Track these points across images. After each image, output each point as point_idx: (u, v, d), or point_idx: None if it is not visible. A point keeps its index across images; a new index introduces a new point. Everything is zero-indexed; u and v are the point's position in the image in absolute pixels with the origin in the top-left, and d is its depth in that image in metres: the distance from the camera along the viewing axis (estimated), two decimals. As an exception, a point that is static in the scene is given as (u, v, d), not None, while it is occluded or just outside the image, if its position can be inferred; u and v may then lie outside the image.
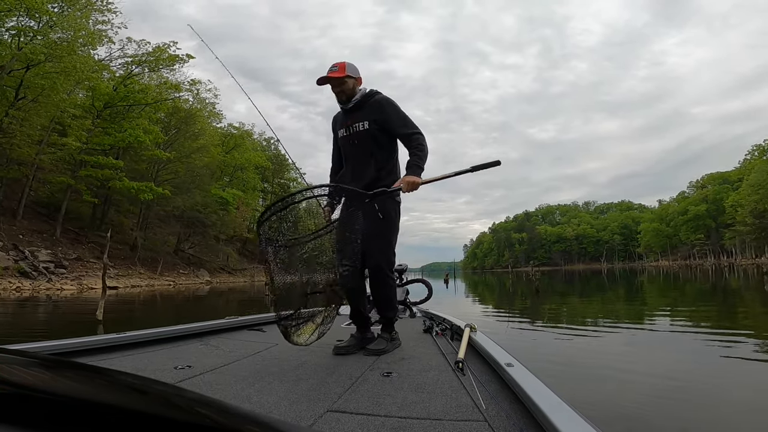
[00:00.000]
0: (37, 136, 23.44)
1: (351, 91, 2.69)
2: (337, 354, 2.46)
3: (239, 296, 19.35)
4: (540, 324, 7.82)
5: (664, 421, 2.79)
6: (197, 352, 2.56)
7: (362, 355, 2.47)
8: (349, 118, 2.74)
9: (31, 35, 22.47)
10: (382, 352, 2.44)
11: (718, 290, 15.56)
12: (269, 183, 55.22)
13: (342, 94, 2.68)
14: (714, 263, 72.90)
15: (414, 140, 2.63)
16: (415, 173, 2.50)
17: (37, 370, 0.37)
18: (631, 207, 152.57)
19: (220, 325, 3.35)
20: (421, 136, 2.65)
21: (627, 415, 2.93)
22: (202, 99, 36.80)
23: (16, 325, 7.99)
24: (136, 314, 10.71)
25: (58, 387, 0.33)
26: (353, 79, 2.69)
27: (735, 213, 69.83)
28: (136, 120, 27.95)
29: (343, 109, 2.77)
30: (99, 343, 2.40)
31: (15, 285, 17.97)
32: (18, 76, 22.01)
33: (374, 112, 2.67)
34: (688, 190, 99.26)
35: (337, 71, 2.64)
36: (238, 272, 40.69)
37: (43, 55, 21.73)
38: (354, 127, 2.70)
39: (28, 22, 22.89)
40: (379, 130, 2.66)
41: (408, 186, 2.47)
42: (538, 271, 28.05)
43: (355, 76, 2.70)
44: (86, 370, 0.37)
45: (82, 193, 26.41)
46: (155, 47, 29.71)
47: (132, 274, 25.86)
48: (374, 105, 2.69)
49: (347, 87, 2.67)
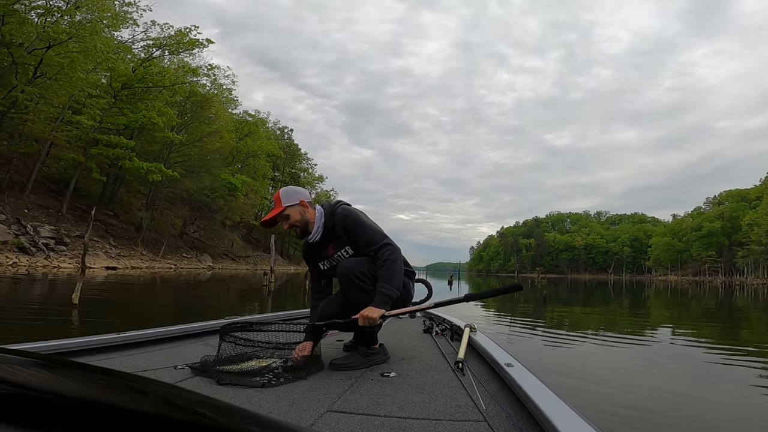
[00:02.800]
0: (52, 113, 23.60)
1: (302, 222, 2.27)
2: (336, 370, 2.19)
3: (240, 284, 19.19)
4: (556, 339, 7.41)
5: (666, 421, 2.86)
6: (197, 352, 2.51)
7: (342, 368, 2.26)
8: (325, 249, 2.34)
9: (58, 15, 22.55)
10: (349, 367, 2.15)
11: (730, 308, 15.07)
12: (280, 171, 55.39)
13: (295, 228, 2.27)
14: (725, 281, 71.61)
15: (381, 255, 2.16)
16: (380, 304, 2.06)
17: (37, 370, 0.37)
18: (644, 220, 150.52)
19: (220, 325, 3.34)
20: (389, 247, 2.18)
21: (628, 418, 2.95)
22: (220, 85, 36.96)
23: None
24: (121, 300, 10.30)
25: (58, 387, 0.33)
26: (296, 206, 2.26)
27: (751, 232, 68.58)
28: (152, 102, 28.12)
29: (311, 243, 2.35)
30: (99, 343, 2.37)
31: (11, 260, 17.74)
32: (38, 55, 22.15)
33: (348, 234, 2.27)
34: (705, 206, 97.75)
35: (273, 207, 2.27)
36: (242, 259, 40.81)
37: (66, 35, 21.79)
38: (337, 257, 2.32)
39: (57, 2, 23.01)
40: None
41: (364, 321, 2.03)
42: (544, 278, 27.66)
43: (294, 202, 2.27)
44: (86, 370, 0.37)
45: (91, 170, 26.54)
46: (177, 31, 29.79)
47: (134, 255, 25.98)
48: (343, 226, 2.27)
49: (295, 219, 2.26)
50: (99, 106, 25.22)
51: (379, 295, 2.07)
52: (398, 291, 2.13)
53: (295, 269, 44.36)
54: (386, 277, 2.11)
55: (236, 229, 44.58)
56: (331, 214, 2.31)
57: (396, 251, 2.19)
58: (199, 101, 33.68)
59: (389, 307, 2.09)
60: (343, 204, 2.38)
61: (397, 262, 2.17)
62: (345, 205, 2.38)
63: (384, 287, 2.09)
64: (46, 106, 22.84)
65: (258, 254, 44.46)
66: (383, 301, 2.07)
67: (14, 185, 23.78)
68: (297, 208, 2.27)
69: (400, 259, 2.20)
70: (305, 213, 2.29)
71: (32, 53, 21.81)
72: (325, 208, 2.34)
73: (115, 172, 29.42)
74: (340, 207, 2.33)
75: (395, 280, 2.13)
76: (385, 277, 2.11)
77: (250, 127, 46.11)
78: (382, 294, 2.07)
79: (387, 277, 2.11)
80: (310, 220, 2.29)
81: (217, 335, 2.96)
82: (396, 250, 2.20)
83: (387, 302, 2.08)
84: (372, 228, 2.24)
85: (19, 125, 22.57)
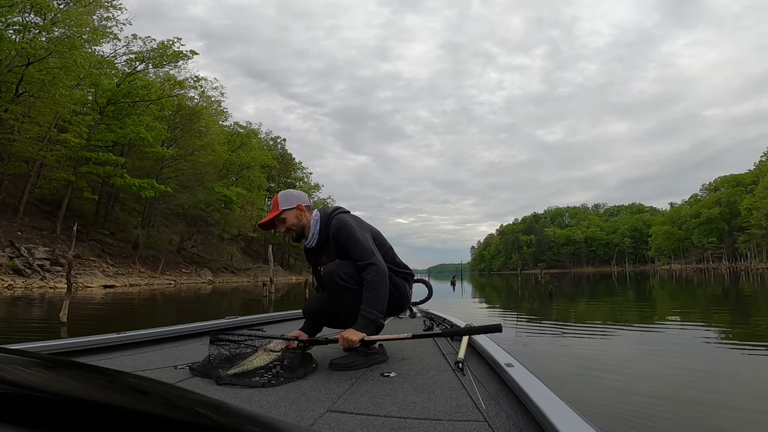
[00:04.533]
0: (38, 132, 23.27)
1: (299, 226, 2.32)
2: (336, 370, 2.17)
3: (242, 296, 18.92)
4: (566, 337, 7.07)
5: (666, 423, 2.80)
6: (197, 352, 2.49)
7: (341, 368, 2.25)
8: (320, 257, 2.38)
9: (36, 31, 22.32)
10: (349, 367, 2.12)
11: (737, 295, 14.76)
12: (275, 182, 55.16)
13: (291, 231, 2.33)
14: (729, 267, 71.42)
15: (365, 276, 2.13)
16: (361, 328, 2.05)
17: (37, 370, 0.37)
18: (641, 210, 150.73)
19: (219, 325, 3.31)
20: (373, 268, 2.14)
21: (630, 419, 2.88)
22: (208, 97, 36.71)
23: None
24: (114, 316, 9.94)
25: (58, 387, 0.33)
26: (292, 210, 2.31)
27: (750, 216, 68.51)
28: (139, 117, 27.79)
29: (308, 248, 2.40)
30: (99, 343, 2.39)
31: (7, 283, 17.72)
32: (19, 72, 21.84)
33: (339, 247, 2.26)
34: (701, 192, 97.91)
35: (271, 210, 2.34)
36: (242, 272, 40.37)
37: (45, 51, 21.53)
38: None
39: (34, 18, 22.76)
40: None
41: (345, 342, 2.04)
42: (548, 273, 27.35)
43: (292, 206, 2.32)
44: (86, 370, 0.37)
45: (83, 189, 26.23)
46: (159, 44, 29.56)
47: (132, 273, 25.57)
48: (335, 239, 2.26)
49: (291, 223, 2.31)
50: (85, 123, 24.87)
51: (361, 318, 2.06)
52: (381, 314, 2.11)
53: (296, 279, 43.84)
54: (369, 300, 2.09)
55: (235, 242, 44.19)
56: (326, 224, 2.31)
57: (381, 272, 2.14)
58: (188, 114, 33.31)
59: (371, 331, 2.08)
60: (340, 213, 2.36)
61: (381, 285, 2.13)
62: (342, 213, 2.35)
63: (366, 311, 2.07)
64: (31, 125, 22.49)
65: (258, 266, 44.04)
66: (365, 325, 2.05)
67: (6, 207, 23.44)
68: (294, 212, 2.31)
69: (385, 281, 2.15)
70: (302, 217, 2.32)
71: (12, 71, 21.48)
72: (321, 216, 2.34)
73: (108, 191, 29.07)
74: (335, 218, 2.30)
75: (378, 304, 2.10)
76: (368, 300, 2.09)
77: (242, 138, 45.81)
78: (364, 318, 2.06)
79: (370, 299, 2.09)
80: (306, 225, 2.33)
81: (217, 335, 2.94)
82: (381, 271, 2.14)
83: (369, 326, 2.06)
84: (361, 245, 2.19)
85: (5, 145, 22.23)
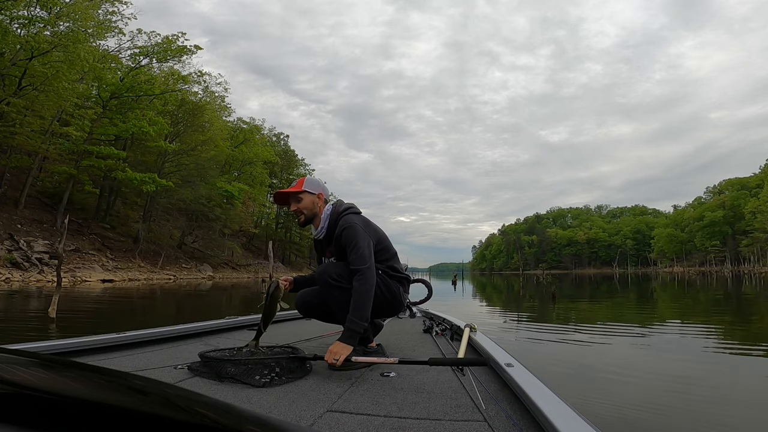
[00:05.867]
0: (40, 125, 23.24)
1: (310, 211, 2.36)
2: (336, 370, 2.15)
3: (242, 292, 18.84)
4: (566, 337, 6.94)
5: (666, 423, 2.79)
6: (197, 352, 2.45)
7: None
8: (326, 249, 2.43)
9: (41, 25, 22.25)
10: (349, 367, 2.10)
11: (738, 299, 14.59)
12: (278, 178, 55.06)
13: (301, 214, 2.35)
14: (732, 270, 71.03)
15: (354, 282, 2.13)
16: (346, 339, 2.03)
17: (37, 370, 0.37)
18: (645, 212, 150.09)
19: (219, 325, 3.34)
20: (360, 276, 2.13)
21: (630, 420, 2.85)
22: (212, 92, 36.64)
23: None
24: (108, 313, 9.77)
25: (58, 387, 0.33)
26: (313, 195, 2.35)
27: (754, 219, 68.10)
28: (142, 111, 27.75)
29: (315, 239, 2.46)
30: (99, 343, 2.39)
31: (4, 276, 17.62)
32: (22, 65, 21.80)
33: (340, 247, 2.28)
34: (705, 195, 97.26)
35: (294, 186, 2.36)
36: (242, 268, 40.35)
37: (49, 45, 21.46)
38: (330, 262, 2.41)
39: (39, 12, 22.69)
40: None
41: (331, 356, 1.99)
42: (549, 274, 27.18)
43: (315, 191, 2.36)
44: (86, 370, 0.37)
45: (84, 183, 26.20)
46: (164, 38, 29.48)
47: (131, 267, 25.52)
48: (340, 237, 2.27)
49: (305, 205, 2.34)
50: (87, 116, 24.86)
51: (346, 330, 2.05)
52: (365, 323, 2.10)
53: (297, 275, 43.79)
54: (354, 307, 2.09)
55: (236, 238, 44.15)
56: (335, 221, 2.33)
57: (368, 281, 2.13)
58: (192, 109, 33.27)
59: (356, 342, 2.07)
60: (349, 212, 2.36)
61: (366, 294, 2.11)
62: (351, 214, 2.36)
63: (351, 320, 2.06)
64: (34, 118, 22.47)
65: (258, 262, 44.00)
66: (349, 336, 2.04)
67: (7, 200, 23.43)
68: (313, 197, 2.34)
69: (371, 292, 2.14)
70: (317, 206, 2.36)
71: (16, 64, 21.46)
72: (332, 212, 2.36)
73: (110, 184, 29.04)
74: (343, 217, 2.31)
75: (363, 311, 2.08)
76: (353, 307, 2.09)
77: (245, 134, 45.71)
78: (348, 329, 2.05)
79: (355, 307, 2.09)
80: (318, 215, 2.37)
81: (217, 335, 3.19)
82: (369, 280, 2.14)
83: (353, 337, 2.04)
84: (359, 251, 2.19)
85: (7, 138, 22.20)
